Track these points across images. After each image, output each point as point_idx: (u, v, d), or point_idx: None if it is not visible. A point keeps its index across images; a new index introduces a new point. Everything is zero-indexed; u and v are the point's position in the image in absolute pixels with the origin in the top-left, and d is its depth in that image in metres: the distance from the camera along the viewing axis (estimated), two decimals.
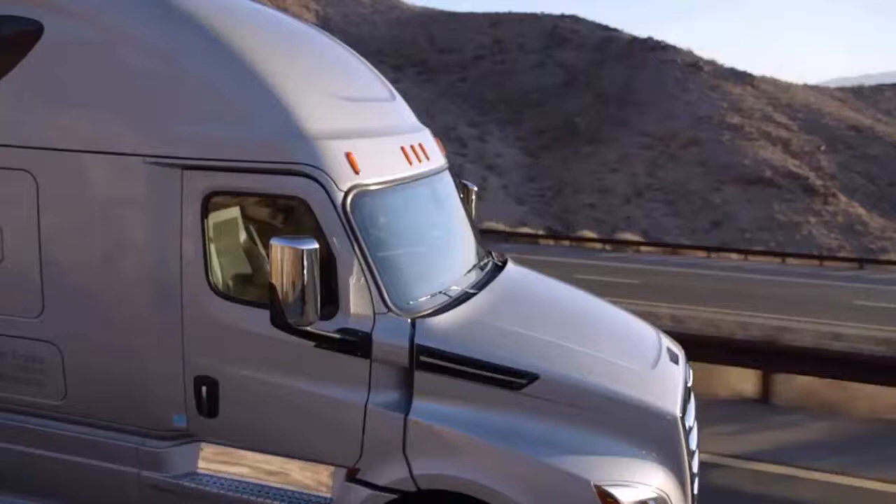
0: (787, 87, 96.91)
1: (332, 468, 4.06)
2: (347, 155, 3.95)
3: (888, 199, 70.51)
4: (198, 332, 4.08)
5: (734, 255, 36.74)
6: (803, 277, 30.29)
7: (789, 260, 35.84)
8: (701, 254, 36.69)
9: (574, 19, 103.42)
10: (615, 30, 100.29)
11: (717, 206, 66.99)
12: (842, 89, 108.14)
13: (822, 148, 76.28)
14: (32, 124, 4.25)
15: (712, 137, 75.10)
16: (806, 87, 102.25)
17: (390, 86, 5.20)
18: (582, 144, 78.01)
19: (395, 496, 3.89)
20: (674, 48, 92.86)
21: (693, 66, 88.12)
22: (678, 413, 3.99)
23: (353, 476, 3.97)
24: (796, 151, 75.70)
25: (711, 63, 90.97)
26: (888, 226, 65.89)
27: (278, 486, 4.16)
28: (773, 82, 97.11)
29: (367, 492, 3.93)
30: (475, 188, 5.81)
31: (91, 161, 4.14)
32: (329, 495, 4.08)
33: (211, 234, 4.05)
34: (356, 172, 3.94)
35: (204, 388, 4.08)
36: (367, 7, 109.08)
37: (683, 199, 68.72)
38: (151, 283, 4.09)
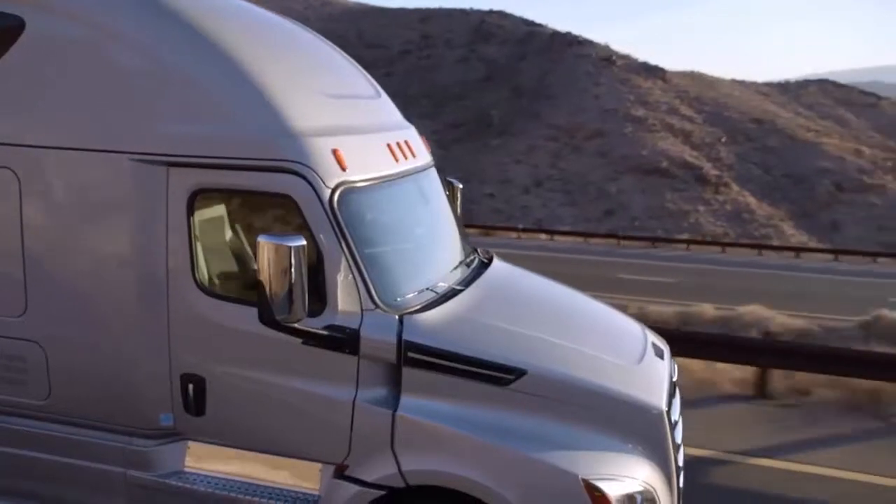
0: (712, 82, 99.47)
1: (319, 465, 3.95)
2: (334, 152, 3.86)
3: (781, 188, 73.08)
4: (184, 329, 3.94)
5: (543, 236, 38.45)
6: (595, 255, 31.49)
7: (592, 240, 37.81)
8: (512, 234, 38.35)
9: (501, 14, 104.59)
10: (539, 25, 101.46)
11: (613, 196, 68.97)
12: (769, 84, 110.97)
13: (723, 139, 78.71)
14: (14, 121, 4.07)
15: (616, 129, 76.90)
16: (733, 81, 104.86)
17: (375, 83, 5.09)
18: (492, 137, 79.80)
19: (383, 492, 3.82)
20: (591, 43, 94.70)
21: (606, 60, 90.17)
22: (664, 407, 3.96)
23: (341, 473, 3.89)
24: (697, 143, 77.97)
25: (625, 58, 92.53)
26: (775, 214, 68.46)
27: (266, 483, 4.05)
28: (700, 77, 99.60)
29: (355, 488, 3.84)
30: (461, 185, 5.75)
31: (75, 158, 3.96)
32: (317, 492, 3.97)
33: (197, 231, 3.93)
34: (343, 169, 3.86)
35: (191, 386, 3.96)
36: (300, 3, 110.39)
37: (581, 189, 70.61)
38: (137, 281, 3.94)
